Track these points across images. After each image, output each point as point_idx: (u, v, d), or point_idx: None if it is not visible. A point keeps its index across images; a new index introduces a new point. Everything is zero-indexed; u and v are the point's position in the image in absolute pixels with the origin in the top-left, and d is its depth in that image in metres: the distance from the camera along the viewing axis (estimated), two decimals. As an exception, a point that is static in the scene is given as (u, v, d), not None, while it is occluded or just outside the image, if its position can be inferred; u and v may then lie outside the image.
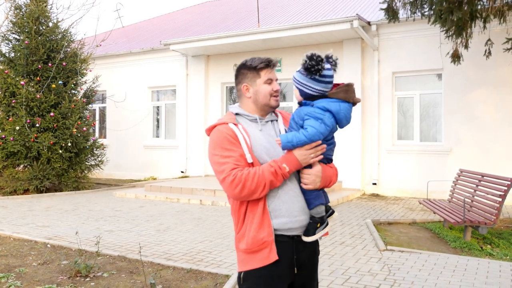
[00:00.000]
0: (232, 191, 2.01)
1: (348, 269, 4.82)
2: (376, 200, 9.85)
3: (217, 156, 2.08)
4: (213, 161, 2.11)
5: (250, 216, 2.08)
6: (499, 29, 8.85)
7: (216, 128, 2.16)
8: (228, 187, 2.02)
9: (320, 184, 2.11)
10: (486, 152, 9.58)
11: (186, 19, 18.56)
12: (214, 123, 2.21)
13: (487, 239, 6.27)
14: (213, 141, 2.13)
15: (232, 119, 2.18)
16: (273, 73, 2.25)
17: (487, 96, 9.66)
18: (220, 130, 2.12)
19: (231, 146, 2.07)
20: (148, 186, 10.99)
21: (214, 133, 2.15)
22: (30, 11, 11.38)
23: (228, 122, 2.15)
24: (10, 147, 10.58)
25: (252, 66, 2.21)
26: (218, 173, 2.08)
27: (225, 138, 2.09)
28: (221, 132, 2.11)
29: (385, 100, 10.75)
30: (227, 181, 2.01)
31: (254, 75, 2.21)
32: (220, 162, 2.06)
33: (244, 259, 2.10)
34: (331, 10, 13.59)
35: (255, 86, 2.21)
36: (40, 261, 5.15)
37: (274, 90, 2.21)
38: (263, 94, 2.20)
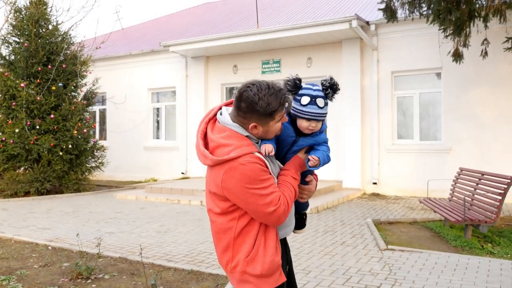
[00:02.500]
0: (284, 218, 1.98)
1: (349, 268, 4.83)
2: (376, 200, 9.86)
3: (258, 190, 1.91)
4: (250, 197, 1.91)
5: (263, 239, 2.00)
6: (498, 28, 8.86)
7: (244, 160, 1.90)
8: (281, 216, 1.95)
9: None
10: (485, 150, 9.59)
11: (185, 20, 18.58)
12: (233, 155, 1.91)
13: (487, 237, 6.28)
14: (247, 177, 1.89)
15: (252, 146, 1.98)
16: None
17: (486, 94, 9.67)
18: (252, 162, 1.90)
19: (268, 176, 1.94)
20: (149, 187, 11.00)
21: (247, 167, 1.89)
22: (30, 14, 11.40)
23: (253, 151, 1.95)
24: (10, 149, 10.59)
25: (267, 112, 1.94)
26: (262, 206, 1.92)
27: (261, 169, 1.92)
28: (254, 165, 1.90)
29: (385, 100, 10.76)
30: (279, 211, 1.93)
31: (268, 118, 1.97)
32: (264, 194, 1.91)
33: (256, 283, 2.00)
34: (330, 10, 13.61)
35: (266, 127, 2.00)
36: (41, 263, 5.16)
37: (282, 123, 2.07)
38: (274, 132, 2.04)
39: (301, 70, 11.74)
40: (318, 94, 2.06)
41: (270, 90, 1.92)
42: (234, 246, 2.02)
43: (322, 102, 2.07)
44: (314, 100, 2.05)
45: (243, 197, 1.92)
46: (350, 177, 10.92)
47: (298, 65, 11.78)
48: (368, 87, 10.95)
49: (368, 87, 10.95)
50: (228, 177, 1.91)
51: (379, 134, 10.78)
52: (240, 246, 2.00)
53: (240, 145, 1.94)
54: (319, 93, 2.07)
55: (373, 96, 10.83)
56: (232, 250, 2.02)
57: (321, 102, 2.06)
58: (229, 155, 1.90)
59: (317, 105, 2.05)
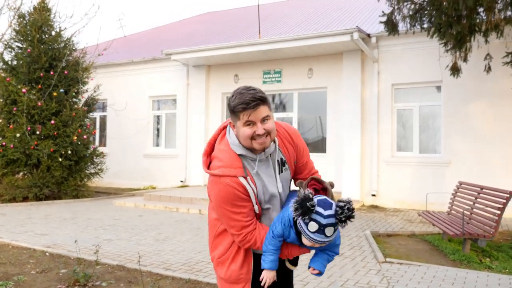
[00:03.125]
0: (238, 243, 2.09)
1: (347, 281, 4.82)
2: (375, 212, 9.85)
3: (227, 211, 2.01)
4: (221, 213, 2.04)
5: (235, 249, 2.13)
6: (497, 42, 8.93)
7: (224, 181, 1.98)
8: (241, 244, 2.08)
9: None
10: (485, 164, 9.60)
11: (187, 29, 18.70)
12: (217, 173, 2.00)
13: (486, 252, 6.27)
14: (221, 196, 2.00)
15: (240, 169, 2.01)
16: (258, 113, 1.96)
17: (486, 108, 9.71)
18: (230, 186, 1.97)
19: (242, 203, 2.00)
20: (148, 195, 10.98)
21: (224, 188, 1.98)
22: (34, 20, 11.48)
23: (237, 175, 1.99)
24: (10, 154, 10.59)
25: (230, 107, 2.01)
26: (227, 226, 2.07)
27: (236, 195, 1.98)
28: (231, 189, 1.97)
29: (385, 112, 10.80)
30: (236, 239, 2.07)
31: (234, 116, 2.02)
32: (231, 217, 2.01)
33: (220, 282, 2.22)
34: (331, 22, 13.71)
35: (237, 128, 2.03)
36: (38, 269, 5.14)
37: (256, 134, 1.97)
38: (242, 138, 2.01)
39: (302, 80, 11.80)
40: (328, 222, 1.86)
41: (241, 90, 2.00)
42: (213, 243, 2.20)
43: (331, 231, 1.88)
44: (322, 229, 1.87)
45: (217, 209, 2.07)
46: (349, 189, 10.92)
47: (299, 76, 11.84)
48: (368, 99, 11.00)
49: (368, 99, 11.00)
50: (210, 187, 2.07)
51: (378, 146, 10.80)
52: (218, 245, 2.16)
53: (229, 165, 2.01)
54: (330, 221, 1.86)
55: (373, 108, 10.87)
56: (211, 245, 2.22)
57: (330, 231, 1.88)
58: (215, 171, 2.02)
59: (324, 234, 1.88)
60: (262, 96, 1.98)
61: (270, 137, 2.01)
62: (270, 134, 2.01)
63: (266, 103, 2.00)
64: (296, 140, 2.21)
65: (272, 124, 2.02)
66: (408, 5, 8.28)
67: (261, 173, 2.06)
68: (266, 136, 1.99)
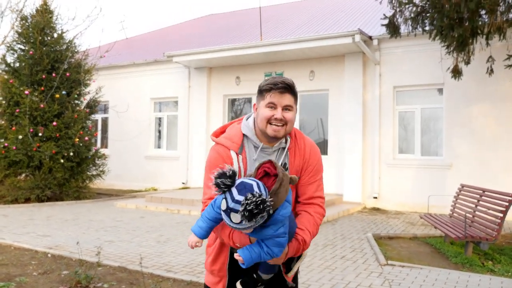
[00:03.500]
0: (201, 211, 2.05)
1: (348, 283, 4.81)
2: (376, 214, 9.84)
3: (206, 176, 2.05)
4: (204, 177, 2.10)
5: (218, 241, 2.13)
6: (499, 45, 8.92)
7: (217, 147, 2.07)
8: (201, 209, 2.06)
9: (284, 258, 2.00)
10: (486, 166, 9.59)
11: (189, 31, 18.73)
12: (216, 140, 2.10)
13: (488, 255, 6.26)
14: (209, 160, 2.07)
15: (236, 145, 2.04)
16: (282, 98, 1.99)
17: (487, 110, 9.70)
18: (219, 153, 2.03)
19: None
20: (149, 196, 10.99)
21: (213, 154, 2.06)
22: (36, 22, 11.50)
23: (230, 148, 2.03)
24: (12, 156, 10.61)
25: (259, 87, 2.06)
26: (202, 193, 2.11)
27: (215, 159, 2.03)
28: (219, 156, 2.02)
29: (386, 114, 10.80)
30: (202, 205, 2.06)
31: (260, 96, 2.06)
32: (206, 184, 2.04)
33: (206, 272, 2.22)
34: (333, 24, 13.72)
35: (259, 108, 2.05)
36: (40, 270, 5.15)
37: (274, 118, 1.98)
38: (260, 118, 2.01)
39: (304, 83, 11.80)
40: (233, 207, 1.73)
41: (275, 76, 2.18)
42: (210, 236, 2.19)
43: (236, 218, 1.73)
44: (228, 211, 1.76)
45: (204, 174, 2.12)
46: (350, 191, 10.91)
47: (300, 78, 11.85)
48: (370, 101, 11.00)
49: (370, 101, 10.99)
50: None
51: (380, 148, 10.80)
52: (212, 232, 2.07)
53: (229, 138, 2.08)
54: (235, 207, 1.72)
55: (375, 110, 10.87)
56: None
57: (235, 218, 1.74)
58: (216, 138, 2.13)
59: (229, 218, 1.76)
60: (291, 85, 2.01)
61: (285, 128, 2.01)
62: (287, 125, 2.01)
63: (294, 94, 2.03)
64: (309, 156, 2.13)
65: (293, 117, 2.02)
66: (410, 8, 8.29)
67: (258, 162, 2.00)
68: (283, 125, 1.99)
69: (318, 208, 2.12)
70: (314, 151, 2.16)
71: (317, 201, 2.13)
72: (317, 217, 2.10)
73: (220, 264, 2.10)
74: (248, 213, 1.68)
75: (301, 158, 2.10)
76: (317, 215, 2.11)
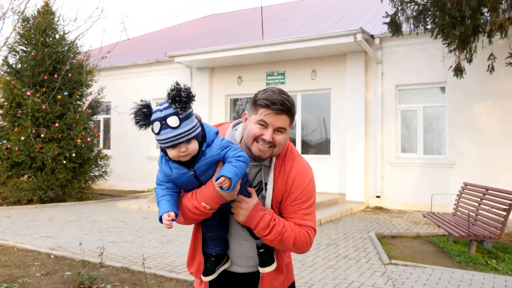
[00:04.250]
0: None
1: (352, 282, 4.79)
2: (379, 213, 9.82)
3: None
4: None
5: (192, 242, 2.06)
6: (502, 43, 8.89)
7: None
8: None
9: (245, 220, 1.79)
10: (489, 165, 9.55)
11: (190, 31, 18.74)
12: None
13: (492, 253, 6.23)
14: None
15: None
16: (277, 119, 1.78)
17: (490, 109, 9.67)
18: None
19: None
20: (152, 197, 10.98)
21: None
22: (38, 23, 11.53)
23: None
24: (15, 157, 10.63)
25: (255, 98, 1.84)
26: None
27: None
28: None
29: (389, 113, 10.77)
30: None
31: (253, 108, 1.84)
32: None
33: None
34: (334, 23, 13.70)
35: (248, 121, 1.85)
36: (43, 271, 5.15)
37: (262, 138, 1.78)
38: (247, 133, 1.83)
39: (306, 82, 11.79)
40: (166, 114, 1.65)
41: (276, 90, 1.83)
42: None
43: (175, 120, 1.65)
44: (165, 123, 1.65)
45: None
46: (353, 190, 10.89)
47: (302, 77, 11.84)
48: (372, 100, 10.97)
49: (372, 100, 10.97)
50: None
51: (382, 147, 10.78)
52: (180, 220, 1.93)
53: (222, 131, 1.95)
54: (168, 111, 1.65)
55: (377, 109, 10.84)
56: None
57: (173, 121, 1.65)
58: None
59: (170, 127, 1.64)
60: (290, 107, 1.80)
61: (273, 150, 1.81)
62: (275, 147, 1.81)
63: (290, 116, 1.83)
64: (292, 183, 1.87)
65: (283, 140, 1.82)
66: (412, 6, 8.27)
67: None
68: (270, 147, 1.80)
69: (306, 233, 1.87)
70: (300, 177, 1.88)
71: (305, 228, 1.88)
72: (301, 236, 1.85)
73: (197, 265, 2.00)
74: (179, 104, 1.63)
75: (284, 182, 1.87)
76: (304, 235, 1.86)
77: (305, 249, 1.91)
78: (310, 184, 1.90)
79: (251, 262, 1.95)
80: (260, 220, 1.78)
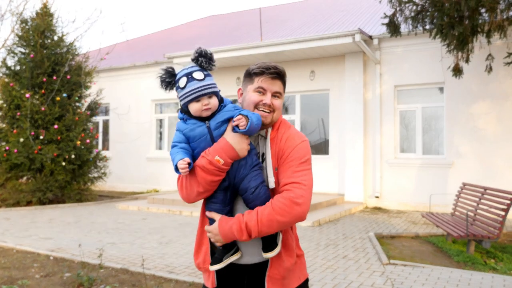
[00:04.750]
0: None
1: (351, 282, 4.80)
2: (378, 213, 9.83)
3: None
4: None
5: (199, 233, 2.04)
6: (500, 43, 8.92)
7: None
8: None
9: (222, 239, 1.82)
10: (488, 165, 9.57)
11: (189, 32, 18.75)
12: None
13: (490, 253, 6.25)
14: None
15: None
16: (273, 84, 1.91)
17: (489, 109, 9.69)
18: None
19: None
20: (151, 198, 10.99)
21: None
22: (36, 25, 11.53)
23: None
24: (14, 159, 10.63)
25: (248, 70, 1.96)
26: None
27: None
28: None
29: (387, 113, 10.79)
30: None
31: (248, 79, 1.96)
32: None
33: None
34: (333, 24, 13.72)
35: (245, 92, 1.97)
36: (42, 273, 5.15)
37: (263, 103, 1.89)
38: (247, 103, 1.93)
39: (304, 83, 11.80)
40: (192, 70, 1.88)
41: (266, 61, 1.95)
42: None
43: (200, 74, 1.86)
44: (191, 77, 1.86)
45: None
46: (352, 191, 10.90)
47: (301, 78, 11.85)
48: (370, 100, 10.99)
49: (370, 101, 10.99)
50: None
51: (381, 147, 10.79)
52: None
53: None
54: (194, 68, 1.88)
55: (376, 109, 10.86)
56: None
57: (199, 75, 1.86)
58: None
59: (195, 79, 1.85)
60: (282, 72, 1.94)
61: (273, 115, 1.91)
62: (274, 112, 1.92)
63: (283, 82, 1.96)
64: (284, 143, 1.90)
65: (280, 105, 1.94)
66: (410, 7, 8.29)
67: None
68: (270, 112, 1.90)
69: (284, 193, 1.77)
70: (292, 138, 1.90)
71: (288, 187, 1.79)
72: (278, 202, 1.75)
73: (203, 255, 1.97)
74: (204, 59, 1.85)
75: (277, 146, 1.90)
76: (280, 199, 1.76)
77: (295, 210, 1.74)
78: (302, 144, 1.89)
79: (259, 249, 1.90)
80: (233, 230, 1.78)
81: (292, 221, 1.77)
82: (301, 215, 1.76)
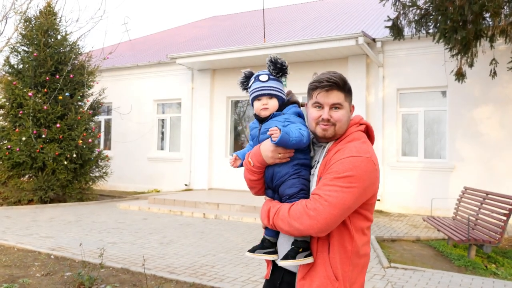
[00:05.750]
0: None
1: (351, 286, 4.79)
2: (379, 217, 9.81)
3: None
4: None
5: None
6: (504, 47, 8.91)
7: None
8: None
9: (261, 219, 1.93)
10: (490, 169, 9.56)
11: (192, 33, 18.77)
12: None
13: (491, 258, 6.23)
14: None
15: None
16: (329, 97, 1.84)
17: (491, 113, 9.68)
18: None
19: None
20: (152, 198, 11.00)
21: None
22: (40, 24, 11.55)
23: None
24: (16, 157, 10.65)
25: (308, 88, 1.97)
26: None
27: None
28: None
29: (390, 117, 10.78)
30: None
31: (308, 95, 1.97)
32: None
33: None
34: (336, 27, 13.72)
35: (308, 109, 1.95)
36: (43, 272, 5.16)
37: (321, 118, 1.84)
38: (309, 120, 1.92)
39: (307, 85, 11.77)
40: (261, 73, 2.03)
41: (324, 72, 1.94)
42: None
43: (265, 77, 2.00)
44: (257, 78, 2.01)
45: None
46: (353, 193, 10.87)
47: (304, 80, 11.74)
48: (373, 103, 10.98)
49: (373, 104, 10.98)
50: None
51: (383, 150, 10.78)
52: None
53: None
54: (263, 72, 2.04)
55: (378, 112, 10.86)
56: None
57: (263, 77, 2.00)
58: None
59: (259, 80, 1.99)
60: (337, 81, 1.84)
61: (335, 128, 1.83)
62: (336, 125, 1.83)
63: (343, 89, 1.87)
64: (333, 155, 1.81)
65: (343, 116, 1.84)
66: (414, 10, 8.28)
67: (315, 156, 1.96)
68: (330, 125, 1.83)
69: (304, 201, 1.76)
70: (343, 150, 1.79)
71: (311, 197, 1.77)
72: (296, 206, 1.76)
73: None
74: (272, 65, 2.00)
75: (328, 156, 1.84)
76: (298, 204, 1.76)
77: (305, 221, 1.70)
78: (348, 159, 1.74)
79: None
80: (263, 211, 1.93)
81: (302, 230, 1.73)
82: (309, 228, 1.70)
